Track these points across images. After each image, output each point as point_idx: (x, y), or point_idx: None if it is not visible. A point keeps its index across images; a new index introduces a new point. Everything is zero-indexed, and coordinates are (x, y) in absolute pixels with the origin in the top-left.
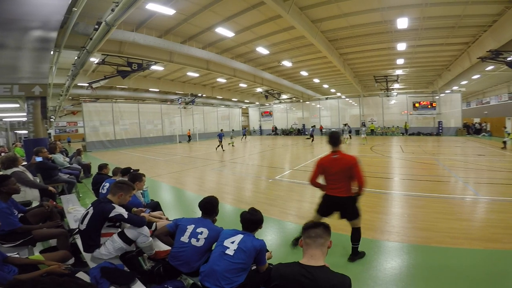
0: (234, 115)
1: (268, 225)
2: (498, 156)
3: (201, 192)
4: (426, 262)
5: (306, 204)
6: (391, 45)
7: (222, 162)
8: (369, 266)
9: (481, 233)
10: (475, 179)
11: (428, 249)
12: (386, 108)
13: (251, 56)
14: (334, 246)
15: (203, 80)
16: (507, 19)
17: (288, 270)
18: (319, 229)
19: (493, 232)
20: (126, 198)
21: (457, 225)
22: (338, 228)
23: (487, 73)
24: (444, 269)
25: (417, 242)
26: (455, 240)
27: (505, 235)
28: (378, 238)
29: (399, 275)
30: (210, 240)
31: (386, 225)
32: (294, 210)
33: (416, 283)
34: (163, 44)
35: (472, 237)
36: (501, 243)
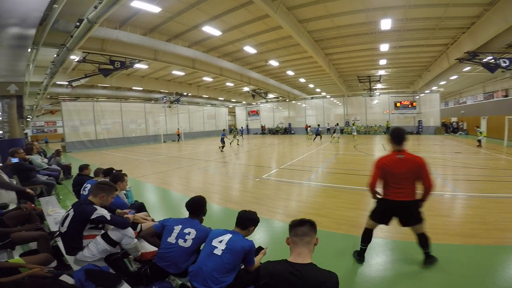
0: (221, 115)
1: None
2: (474, 153)
3: (187, 192)
4: (409, 258)
5: (293, 203)
6: (375, 46)
7: (209, 162)
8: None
9: (460, 228)
10: (453, 176)
11: (411, 245)
12: (369, 107)
13: (239, 55)
14: (321, 243)
15: (189, 79)
16: (484, 21)
17: (276, 268)
18: (305, 227)
19: (471, 227)
20: (108, 199)
21: (438, 221)
22: (324, 226)
23: (464, 74)
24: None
25: (400, 238)
26: (436, 235)
27: (482, 231)
28: None
29: (385, 271)
30: (198, 240)
31: None
32: (281, 208)
33: (401, 278)
34: (148, 42)
35: (452, 233)
36: (479, 238)
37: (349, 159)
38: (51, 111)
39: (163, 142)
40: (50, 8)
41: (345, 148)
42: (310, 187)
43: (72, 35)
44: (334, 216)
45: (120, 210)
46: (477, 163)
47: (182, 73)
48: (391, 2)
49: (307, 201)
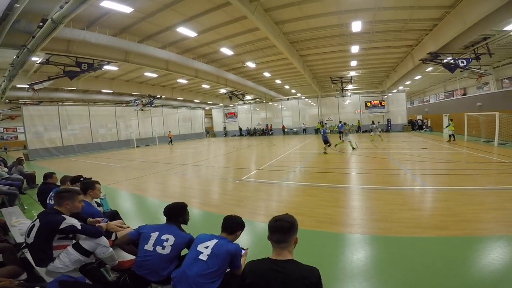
0: (197, 117)
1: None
2: (438, 149)
3: (164, 197)
4: (386, 252)
5: (274, 203)
6: (346, 48)
7: (185, 166)
8: (336, 260)
9: (431, 221)
10: (421, 171)
11: (387, 239)
12: (342, 107)
13: (215, 56)
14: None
15: (162, 81)
16: (445, 23)
17: (259, 266)
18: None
19: (441, 220)
20: (75, 205)
21: (410, 215)
22: (305, 225)
23: (427, 74)
24: (403, 258)
25: (376, 233)
26: (409, 229)
27: (451, 222)
28: (342, 231)
29: (365, 266)
30: (177, 247)
31: (348, 218)
32: (262, 209)
33: (380, 273)
34: (118, 43)
35: (423, 226)
36: (449, 230)
37: (325, 158)
38: (11, 116)
39: (136, 147)
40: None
41: (319, 147)
42: (289, 186)
43: (34, 35)
44: (313, 214)
45: (91, 219)
46: (442, 158)
47: (155, 75)
48: (361, 4)
49: (287, 201)
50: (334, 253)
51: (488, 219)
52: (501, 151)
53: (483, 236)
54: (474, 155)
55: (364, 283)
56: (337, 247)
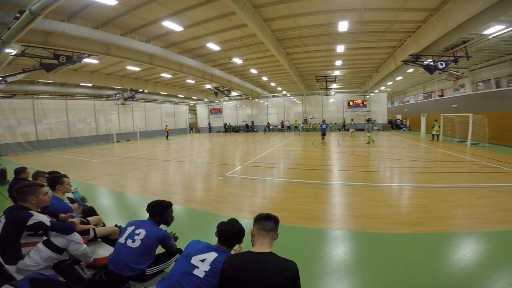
0: (181, 112)
1: None
2: (416, 148)
3: (145, 194)
4: (365, 248)
5: (257, 199)
6: (332, 47)
7: (167, 162)
8: (317, 256)
9: (407, 218)
10: (398, 169)
11: (366, 235)
12: (326, 106)
13: (201, 51)
14: (284, 237)
15: (145, 75)
16: (428, 26)
17: (240, 259)
18: (272, 222)
19: (417, 216)
20: (41, 199)
21: (387, 211)
22: (287, 221)
23: (407, 75)
24: (381, 254)
25: (356, 229)
26: (387, 225)
27: (426, 219)
28: (323, 227)
29: (344, 262)
30: (146, 241)
31: (328, 214)
32: (246, 206)
33: (360, 268)
34: (100, 36)
35: (400, 222)
36: (424, 226)
37: (307, 155)
38: None
39: (116, 142)
40: None
41: (303, 144)
42: (273, 183)
43: (10, 27)
44: (295, 210)
45: (63, 214)
46: (418, 156)
47: (137, 68)
48: (349, 4)
49: (270, 197)
50: (314, 249)
51: (460, 215)
52: (473, 151)
53: (455, 233)
54: (448, 154)
55: (344, 279)
56: (318, 243)
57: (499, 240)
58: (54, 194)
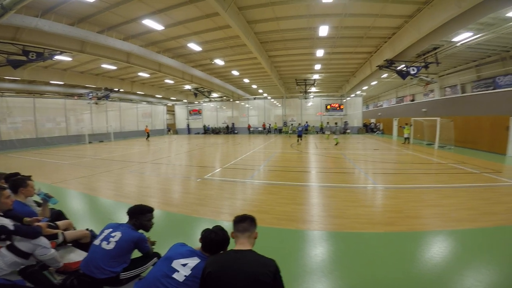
0: (158, 113)
1: (202, 226)
2: (388, 150)
3: (119, 197)
4: (342, 248)
5: (237, 201)
6: (312, 51)
7: (143, 164)
8: (296, 256)
9: (380, 217)
10: (372, 170)
11: (343, 235)
12: (305, 109)
13: (181, 51)
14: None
15: (122, 74)
16: (403, 32)
17: (221, 256)
18: (246, 223)
19: (389, 216)
20: (2, 202)
21: (362, 212)
22: (266, 222)
23: (382, 80)
24: (357, 253)
25: (333, 229)
26: (362, 225)
27: (398, 219)
28: (301, 228)
29: (323, 262)
30: (121, 243)
31: (307, 215)
32: (226, 208)
33: (338, 268)
34: (75, 33)
35: (374, 222)
36: (396, 226)
37: (286, 157)
38: None
39: (88, 143)
40: None
41: (282, 147)
42: (253, 185)
43: None
44: (274, 212)
45: (28, 218)
46: (390, 158)
47: (113, 67)
48: (330, 9)
49: (250, 199)
50: (294, 250)
51: (428, 215)
52: (440, 153)
53: (424, 231)
54: (417, 156)
55: (323, 279)
56: (297, 244)
57: (465, 238)
58: (16, 197)
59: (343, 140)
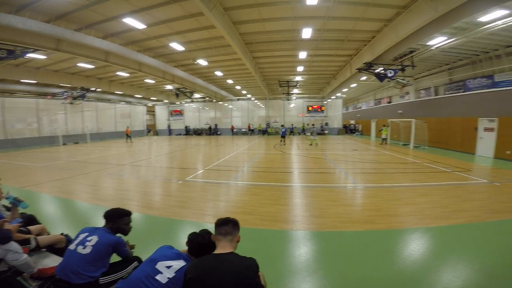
0: (138, 113)
1: (184, 229)
2: (366, 150)
3: (96, 201)
4: (325, 247)
5: (220, 203)
6: (295, 53)
7: (122, 166)
8: (281, 256)
9: (360, 216)
10: (352, 170)
11: (325, 234)
12: (287, 110)
13: (163, 51)
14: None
15: (99, 73)
16: (382, 35)
17: (202, 260)
18: (228, 226)
19: (368, 214)
20: None
21: (343, 211)
22: (250, 223)
23: (361, 82)
24: (339, 252)
25: (315, 228)
26: (342, 224)
27: (377, 217)
28: (285, 228)
29: (306, 262)
30: (98, 247)
31: (290, 215)
32: (210, 210)
33: (322, 267)
34: (50, 30)
35: (354, 220)
36: (375, 224)
37: (269, 158)
38: None
39: (63, 145)
40: None
41: (265, 148)
42: (236, 186)
43: None
44: (258, 213)
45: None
46: (369, 158)
47: (91, 66)
48: (314, 12)
49: (233, 200)
50: (278, 250)
51: (405, 213)
52: (415, 153)
53: (402, 229)
54: (394, 156)
55: (307, 278)
56: (281, 244)
57: (441, 235)
58: None
59: (323, 141)
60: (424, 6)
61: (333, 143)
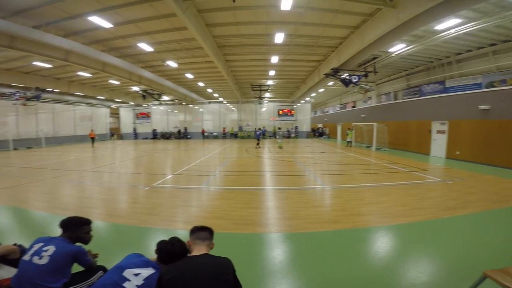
0: (100, 116)
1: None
2: (333, 153)
3: (53, 209)
4: (297, 248)
5: (191, 208)
6: (268, 57)
7: (83, 172)
8: (255, 259)
9: (328, 216)
10: (320, 172)
11: (297, 235)
12: (259, 114)
13: (130, 51)
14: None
15: (58, 72)
16: (348, 42)
17: (179, 264)
18: (206, 232)
19: (335, 215)
20: None
21: (312, 212)
22: (222, 228)
23: (328, 87)
24: (311, 252)
25: (288, 230)
26: (312, 225)
27: (343, 217)
28: (259, 231)
29: (281, 263)
30: (56, 257)
31: (262, 218)
32: (180, 216)
33: (296, 268)
34: (3, 26)
35: (323, 221)
36: (342, 223)
37: (241, 161)
38: None
39: (14, 150)
40: None
41: (237, 151)
42: (207, 191)
43: None
44: (230, 217)
45: None
46: (335, 160)
47: (48, 65)
48: (288, 17)
49: (204, 205)
50: (252, 253)
51: (369, 212)
52: (377, 154)
53: (367, 227)
54: (358, 158)
55: (282, 280)
56: (255, 247)
57: (402, 232)
58: None
59: (293, 144)
60: (387, 14)
61: (303, 146)
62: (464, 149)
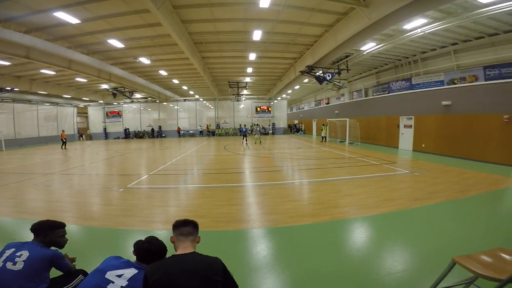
0: (66, 116)
1: (131, 238)
2: (309, 148)
3: (20, 214)
4: (279, 242)
5: (171, 208)
6: (245, 54)
7: (50, 175)
8: (239, 256)
9: (307, 210)
10: (297, 167)
11: (278, 230)
12: (237, 111)
13: (99, 48)
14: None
15: (18, 70)
16: (323, 40)
17: (164, 262)
18: (189, 227)
19: (313, 208)
20: None
21: (291, 206)
22: (204, 226)
23: (303, 84)
24: (292, 246)
25: (269, 225)
26: (292, 219)
27: (321, 210)
28: (240, 227)
29: (264, 258)
30: (31, 262)
31: (243, 215)
32: (158, 216)
33: (279, 262)
34: None
35: (302, 215)
36: (320, 216)
37: (220, 159)
38: None
39: None
40: None
41: (216, 149)
42: (186, 190)
43: None
44: (211, 215)
45: None
46: (311, 155)
47: (7, 62)
48: (265, 15)
49: (184, 205)
50: (235, 250)
51: (345, 204)
52: (350, 149)
53: (344, 219)
54: (333, 152)
55: (267, 274)
56: (238, 244)
57: (377, 222)
58: None
59: (270, 140)
60: (360, 13)
61: (280, 142)
62: (429, 142)
